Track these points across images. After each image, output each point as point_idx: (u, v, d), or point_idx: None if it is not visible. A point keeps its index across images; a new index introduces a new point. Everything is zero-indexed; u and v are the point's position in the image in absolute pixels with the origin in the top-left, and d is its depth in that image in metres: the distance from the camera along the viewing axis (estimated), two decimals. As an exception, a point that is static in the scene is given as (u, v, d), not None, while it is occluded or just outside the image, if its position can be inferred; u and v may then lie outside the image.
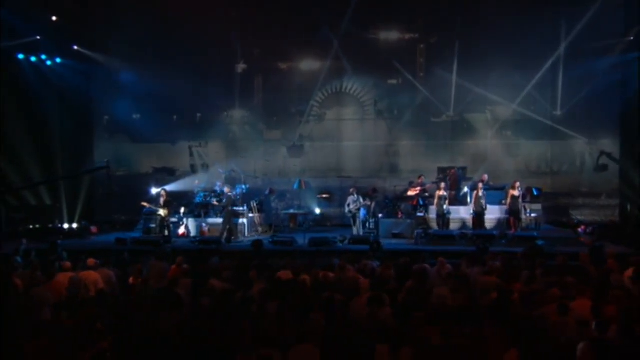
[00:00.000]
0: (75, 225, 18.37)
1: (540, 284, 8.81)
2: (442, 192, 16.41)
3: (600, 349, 5.58)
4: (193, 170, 22.73)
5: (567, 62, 20.99)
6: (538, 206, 18.52)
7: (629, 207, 19.13)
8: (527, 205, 17.24)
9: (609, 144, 20.27)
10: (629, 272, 9.14)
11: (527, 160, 22.56)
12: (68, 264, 10.16)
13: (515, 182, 16.53)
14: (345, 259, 10.65)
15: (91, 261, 9.86)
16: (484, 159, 21.88)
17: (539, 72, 21.21)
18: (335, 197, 20.41)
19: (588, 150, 21.47)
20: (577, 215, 20.83)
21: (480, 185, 16.41)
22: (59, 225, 19.17)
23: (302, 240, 15.42)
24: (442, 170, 19.97)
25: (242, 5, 21.86)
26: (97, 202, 21.80)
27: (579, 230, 16.31)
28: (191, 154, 23.05)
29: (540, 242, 13.88)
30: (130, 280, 9.67)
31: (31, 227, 18.68)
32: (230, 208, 16.44)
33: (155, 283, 9.63)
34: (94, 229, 18.62)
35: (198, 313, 7.20)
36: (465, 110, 23.08)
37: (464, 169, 18.97)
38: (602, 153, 19.79)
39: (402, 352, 5.78)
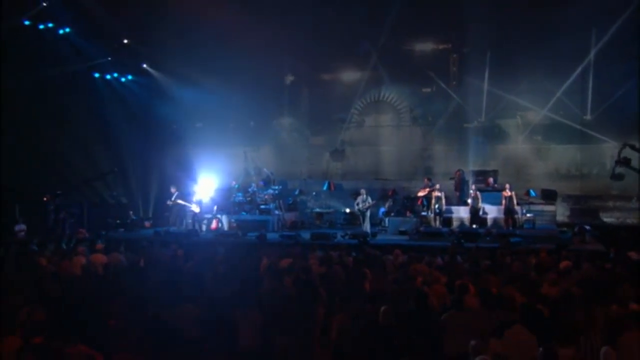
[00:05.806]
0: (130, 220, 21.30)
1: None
2: (437, 193, 17.82)
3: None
4: (246, 172, 25.16)
5: (596, 67, 21.49)
6: (551, 207, 19.35)
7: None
8: (523, 206, 18.24)
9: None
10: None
11: (557, 163, 23.11)
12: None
13: (506, 184, 17.67)
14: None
15: (99, 246, 12.38)
16: (514, 163, 22.64)
17: (569, 78, 21.86)
18: (364, 197, 22.06)
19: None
20: (607, 217, 21.22)
21: (473, 187, 17.70)
22: (127, 220, 21.75)
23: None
24: (478, 173, 20.64)
25: (290, 24, 23.35)
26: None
27: (575, 230, 17.00)
28: (245, 158, 25.57)
29: (514, 239, 14.98)
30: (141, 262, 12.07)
31: (109, 220, 21.82)
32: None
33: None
34: (147, 223, 21.56)
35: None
36: (496, 116, 24.08)
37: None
38: (617, 162, 20.02)
39: (250, 315, 7.45)
